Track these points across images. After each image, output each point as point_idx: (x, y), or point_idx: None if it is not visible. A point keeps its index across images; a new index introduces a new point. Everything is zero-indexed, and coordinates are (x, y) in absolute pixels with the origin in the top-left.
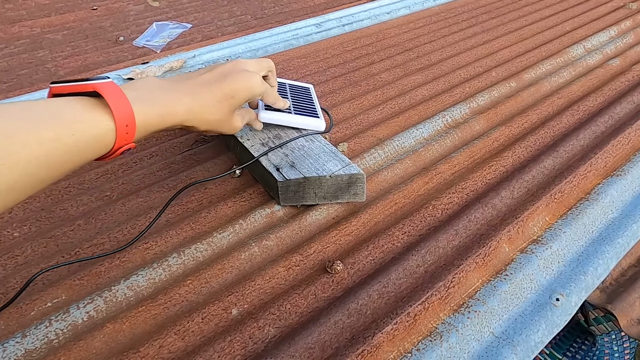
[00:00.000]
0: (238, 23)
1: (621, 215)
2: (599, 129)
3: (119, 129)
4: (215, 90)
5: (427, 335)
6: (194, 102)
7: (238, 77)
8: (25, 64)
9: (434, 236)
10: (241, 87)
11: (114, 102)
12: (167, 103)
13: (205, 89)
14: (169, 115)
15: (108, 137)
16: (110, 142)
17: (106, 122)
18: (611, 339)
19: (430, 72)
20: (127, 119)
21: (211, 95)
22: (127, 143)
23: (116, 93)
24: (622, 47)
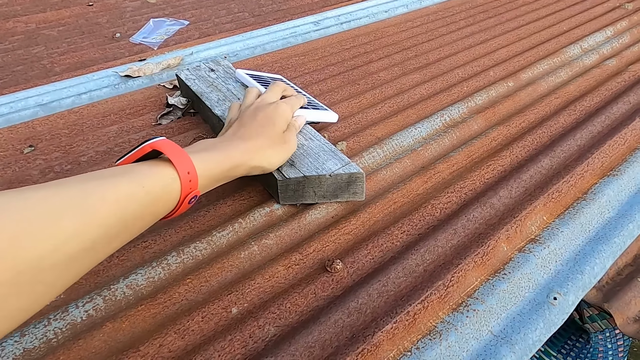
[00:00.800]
0: (235, 20)
1: (617, 214)
2: (596, 129)
3: (182, 177)
4: (255, 125)
5: (427, 334)
6: (244, 142)
7: (270, 112)
8: (20, 60)
9: (433, 235)
10: (275, 117)
11: (172, 154)
12: (221, 149)
13: (248, 127)
14: (226, 159)
15: (174, 187)
16: (177, 191)
17: (169, 172)
18: (605, 337)
19: (428, 71)
20: (187, 167)
21: (254, 130)
22: (192, 190)
23: (172, 146)
24: (618, 48)
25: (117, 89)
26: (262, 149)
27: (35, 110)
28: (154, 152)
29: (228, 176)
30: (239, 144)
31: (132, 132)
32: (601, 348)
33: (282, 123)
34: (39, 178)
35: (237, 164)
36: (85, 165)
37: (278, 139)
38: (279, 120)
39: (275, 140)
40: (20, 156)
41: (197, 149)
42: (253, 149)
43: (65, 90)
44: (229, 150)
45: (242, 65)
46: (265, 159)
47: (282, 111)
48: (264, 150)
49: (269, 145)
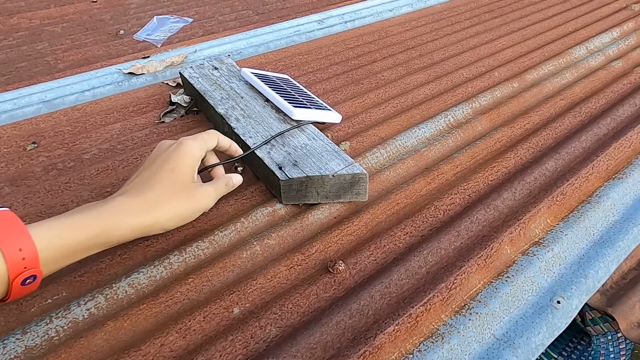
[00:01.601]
0: (239, 18)
1: (622, 218)
2: (601, 132)
3: (8, 256)
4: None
5: (429, 336)
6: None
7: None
8: (24, 56)
9: (435, 237)
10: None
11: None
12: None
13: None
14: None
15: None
16: (3, 273)
17: None
18: (607, 340)
19: (432, 71)
20: (19, 242)
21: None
22: (25, 269)
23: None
24: (624, 49)
25: (121, 86)
26: (153, 205)
27: (38, 107)
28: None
29: (99, 243)
30: (119, 202)
31: (136, 130)
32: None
33: (184, 166)
34: (42, 175)
35: (106, 228)
36: (87, 162)
37: (179, 188)
38: (180, 161)
39: (175, 190)
40: (23, 153)
41: (54, 217)
42: (137, 206)
43: (69, 87)
44: (97, 213)
45: (246, 64)
46: (155, 216)
47: (184, 150)
48: (155, 206)
49: (163, 199)
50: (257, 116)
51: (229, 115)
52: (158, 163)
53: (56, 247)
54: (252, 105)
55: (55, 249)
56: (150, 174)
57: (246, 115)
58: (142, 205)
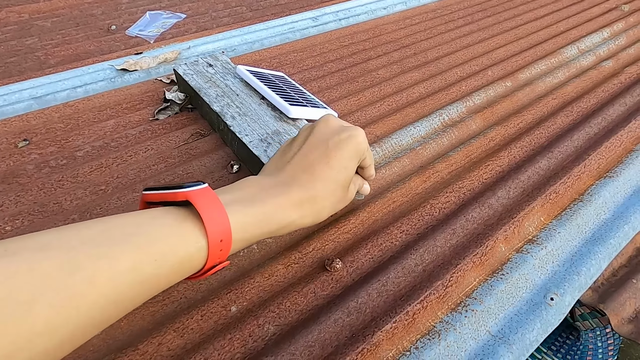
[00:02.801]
0: (233, 14)
1: (613, 216)
2: (592, 131)
3: (211, 246)
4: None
5: (426, 333)
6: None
7: (342, 142)
8: (13, 51)
9: (432, 235)
10: (350, 152)
11: (208, 214)
12: (273, 206)
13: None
14: (272, 218)
15: (198, 257)
16: (201, 261)
17: (196, 239)
18: (595, 335)
19: (427, 70)
20: (222, 233)
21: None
22: (220, 261)
23: (210, 202)
24: (614, 49)
25: (113, 82)
26: (320, 208)
27: (29, 103)
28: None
29: (269, 236)
30: (295, 196)
31: (129, 127)
32: (591, 346)
33: (353, 165)
34: (34, 172)
35: (285, 223)
36: (81, 160)
37: (342, 189)
38: (351, 159)
39: (338, 190)
40: (14, 150)
41: (240, 198)
42: (307, 202)
43: (60, 83)
44: (280, 204)
45: (240, 61)
46: (317, 216)
47: (356, 144)
48: (321, 209)
49: (329, 202)
50: (253, 114)
51: (224, 112)
52: (331, 151)
53: (241, 240)
54: (248, 103)
55: (240, 242)
56: (322, 165)
57: (242, 113)
58: (313, 204)
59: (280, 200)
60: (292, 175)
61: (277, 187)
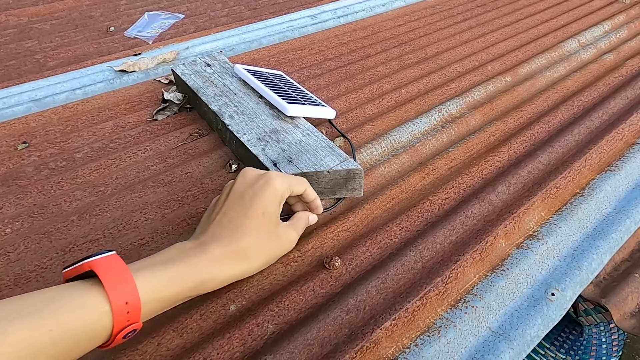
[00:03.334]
0: (232, 14)
1: (615, 210)
2: (593, 124)
3: (115, 310)
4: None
5: (425, 330)
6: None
7: (258, 191)
8: (13, 54)
9: (431, 232)
10: (267, 199)
11: (109, 278)
12: (184, 261)
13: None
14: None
15: (103, 321)
16: (107, 326)
17: (98, 304)
18: (599, 331)
19: (426, 66)
20: (127, 296)
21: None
22: (129, 324)
23: (113, 266)
24: (615, 42)
25: (112, 84)
26: (246, 255)
27: (28, 106)
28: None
29: (190, 296)
30: (215, 252)
31: (128, 128)
32: (594, 341)
33: (273, 209)
34: (34, 174)
35: (205, 279)
36: (80, 161)
37: (269, 234)
38: (270, 203)
39: (265, 236)
40: (14, 153)
41: (153, 261)
42: (232, 257)
43: (59, 86)
44: (195, 263)
45: (239, 60)
46: (248, 266)
47: (272, 189)
48: (249, 256)
49: (257, 248)
50: (251, 113)
51: (222, 112)
52: (247, 200)
53: (154, 301)
54: (246, 102)
55: (154, 303)
56: (240, 216)
57: (240, 112)
58: (236, 256)
59: (196, 259)
60: (212, 234)
61: (196, 247)
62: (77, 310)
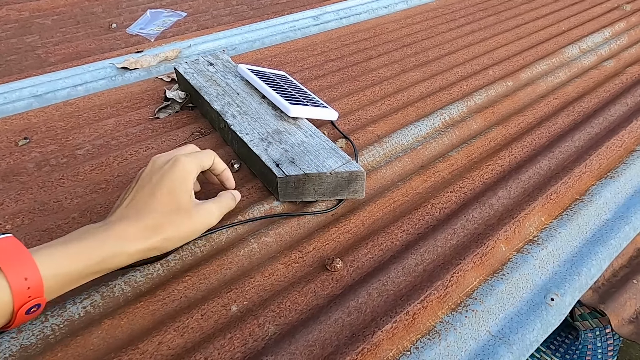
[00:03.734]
0: (234, 13)
1: (614, 216)
2: (594, 131)
3: (14, 286)
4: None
5: (426, 333)
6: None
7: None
8: (14, 49)
9: (432, 235)
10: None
11: (3, 257)
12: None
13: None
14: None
15: (3, 297)
16: (7, 303)
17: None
18: (595, 335)
19: (428, 69)
20: (25, 271)
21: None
22: (31, 299)
23: (9, 247)
24: (616, 49)
25: (114, 81)
26: (152, 230)
27: (29, 102)
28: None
29: (99, 270)
30: (119, 229)
31: (130, 125)
32: (590, 346)
33: (181, 186)
34: (35, 171)
35: (111, 253)
36: (81, 158)
37: (177, 210)
38: (177, 182)
39: (173, 212)
40: (15, 148)
41: (53, 242)
42: (137, 233)
43: (61, 82)
44: (100, 239)
45: (241, 59)
46: (154, 241)
47: (180, 169)
48: (155, 231)
49: (162, 223)
50: (253, 113)
51: (225, 111)
52: (154, 182)
53: (58, 276)
54: (249, 101)
55: (58, 278)
56: (147, 197)
57: (242, 112)
58: (141, 232)
59: (100, 235)
60: (119, 215)
61: (102, 226)
62: None
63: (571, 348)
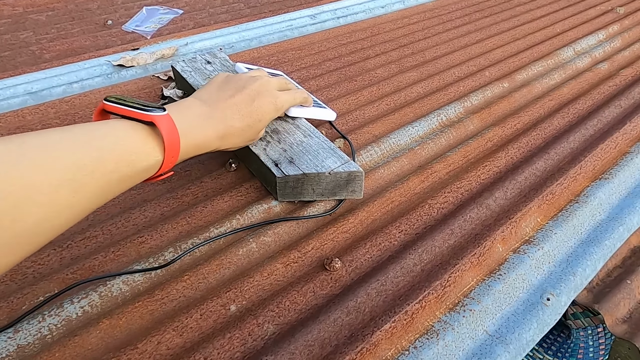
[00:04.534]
0: (231, 11)
1: (608, 217)
2: (588, 132)
3: (165, 162)
4: (245, 118)
5: (424, 333)
6: (227, 131)
7: (265, 103)
8: (7, 45)
9: (430, 235)
10: (267, 112)
11: (169, 139)
12: (205, 136)
13: (237, 116)
14: (204, 145)
15: (155, 167)
16: (155, 170)
17: (157, 155)
18: (587, 334)
19: (425, 70)
20: (175, 152)
21: (243, 123)
22: (166, 170)
23: (171, 129)
24: (609, 51)
25: (110, 78)
26: (235, 137)
27: (24, 99)
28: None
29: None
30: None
31: None
32: (582, 344)
33: (269, 118)
34: None
35: (210, 147)
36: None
37: (255, 132)
38: (268, 116)
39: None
40: None
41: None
42: (229, 135)
43: (56, 79)
44: (210, 139)
45: (238, 58)
46: (232, 143)
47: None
48: (235, 138)
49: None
50: None
51: None
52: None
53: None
54: None
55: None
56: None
57: None
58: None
59: (210, 132)
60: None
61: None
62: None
63: (563, 346)
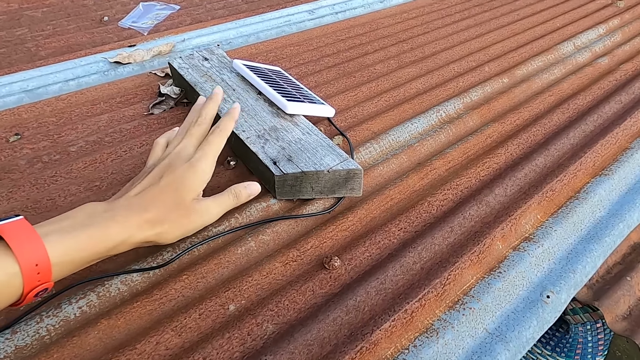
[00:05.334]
0: (228, 7)
1: (608, 214)
2: (588, 128)
3: (25, 271)
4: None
5: (424, 331)
6: (132, 214)
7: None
8: (2, 42)
9: (429, 233)
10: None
11: (17, 241)
12: (96, 225)
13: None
14: (99, 240)
15: (14, 282)
16: (17, 287)
17: (9, 266)
18: (586, 329)
19: (424, 65)
20: (36, 257)
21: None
22: (40, 284)
23: (21, 231)
24: (610, 46)
25: (107, 75)
26: (154, 223)
27: (20, 97)
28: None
29: (100, 258)
30: (125, 216)
31: (124, 121)
32: (581, 339)
33: (192, 189)
34: (27, 168)
35: (115, 243)
36: (74, 155)
37: (182, 209)
38: (189, 185)
39: (177, 210)
40: (5, 145)
41: (62, 225)
42: (140, 223)
43: (52, 76)
44: (105, 227)
45: (236, 54)
46: (157, 232)
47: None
48: (155, 224)
49: (165, 219)
50: (250, 110)
51: (221, 108)
52: (167, 182)
53: (65, 263)
54: (245, 98)
55: (64, 265)
56: (157, 192)
57: None
58: (146, 223)
59: (106, 222)
60: (125, 203)
61: (107, 211)
62: None
63: (561, 341)
